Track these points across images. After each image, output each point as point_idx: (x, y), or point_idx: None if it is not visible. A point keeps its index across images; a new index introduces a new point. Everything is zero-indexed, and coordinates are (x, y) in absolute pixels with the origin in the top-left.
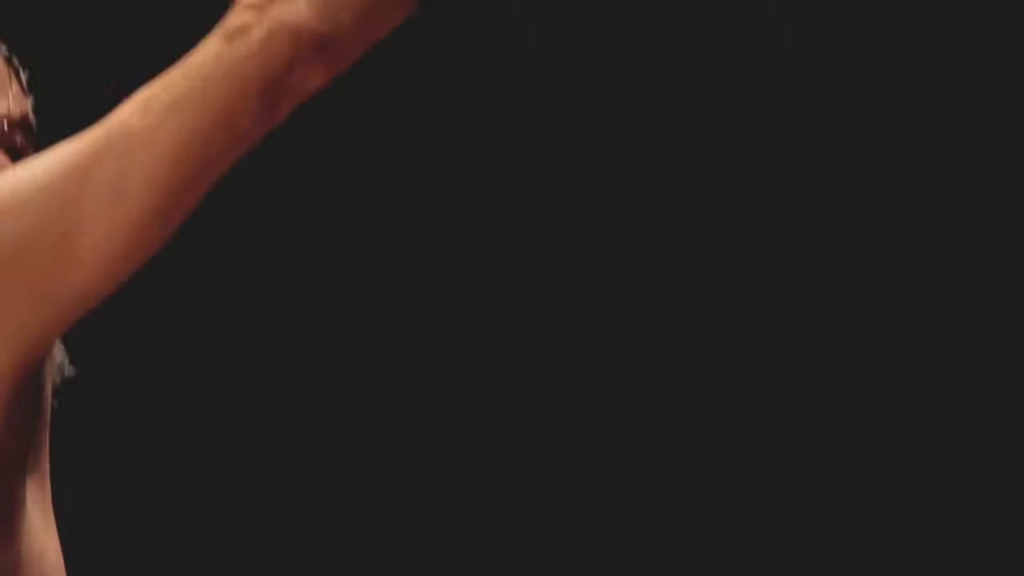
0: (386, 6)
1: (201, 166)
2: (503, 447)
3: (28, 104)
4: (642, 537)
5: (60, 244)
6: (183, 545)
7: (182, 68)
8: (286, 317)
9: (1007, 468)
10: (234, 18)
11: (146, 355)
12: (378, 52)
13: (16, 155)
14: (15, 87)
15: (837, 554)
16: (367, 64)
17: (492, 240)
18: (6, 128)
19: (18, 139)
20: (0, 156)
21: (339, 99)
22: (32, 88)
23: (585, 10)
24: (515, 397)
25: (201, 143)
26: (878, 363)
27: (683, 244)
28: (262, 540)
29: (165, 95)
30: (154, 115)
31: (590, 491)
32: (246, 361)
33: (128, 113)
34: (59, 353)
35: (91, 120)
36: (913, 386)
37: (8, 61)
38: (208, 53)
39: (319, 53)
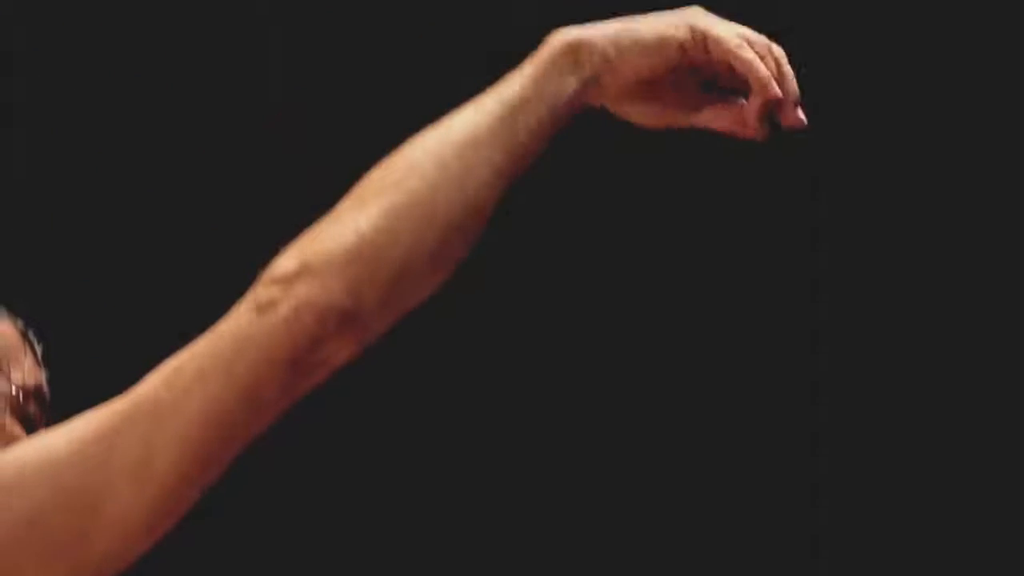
0: (414, 281)
1: (228, 433)
2: (501, 449)
3: (42, 376)
4: (642, 538)
5: (86, 512)
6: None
7: (210, 338)
8: None
9: (1007, 468)
10: (261, 292)
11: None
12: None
13: (30, 426)
14: (29, 359)
15: (836, 554)
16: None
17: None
18: (21, 398)
19: (32, 409)
20: (15, 427)
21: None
22: (47, 362)
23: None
24: (513, 397)
25: (228, 413)
26: (878, 363)
27: (683, 245)
28: (262, 541)
29: (192, 365)
30: (181, 385)
31: (590, 493)
32: None
33: (155, 383)
34: None
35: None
36: (913, 386)
37: (24, 335)
38: (235, 325)
39: (347, 329)
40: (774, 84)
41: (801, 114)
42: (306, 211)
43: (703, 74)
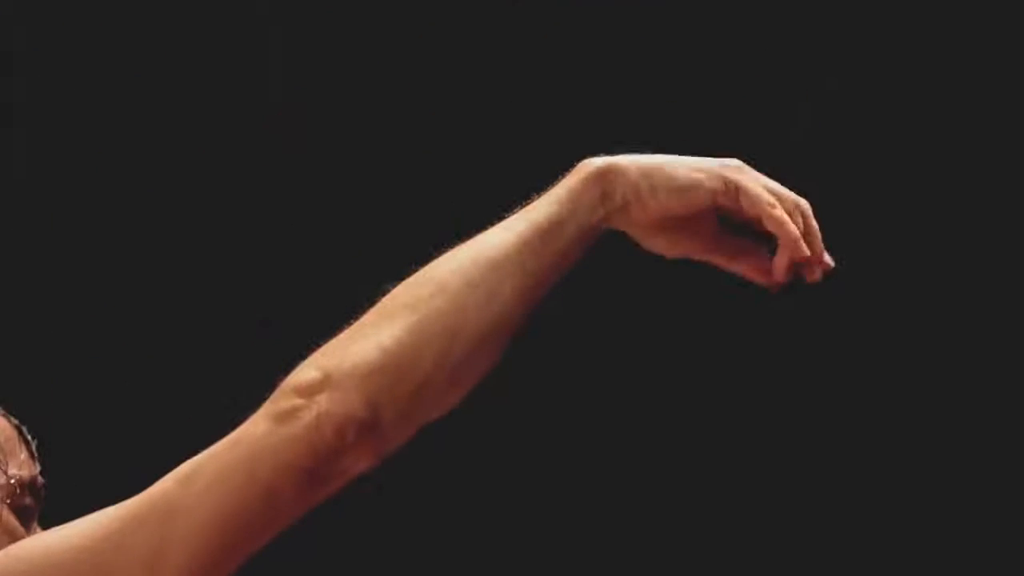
0: (435, 397)
1: (242, 536)
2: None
3: (36, 469)
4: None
5: None
6: None
7: (228, 443)
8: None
9: (1007, 468)
10: (283, 402)
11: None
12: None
13: (26, 518)
14: (24, 453)
15: (837, 554)
16: None
17: None
18: (17, 490)
19: (28, 501)
20: (10, 519)
21: None
22: (41, 456)
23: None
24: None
25: (243, 517)
26: (878, 364)
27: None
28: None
29: (210, 466)
30: (198, 486)
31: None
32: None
33: (171, 483)
34: None
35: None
36: (913, 387)
37: (18, 429)
38: (255, 433)
39: (366, 441)
40: (803, 245)
41: (822, 271)
42: (304, 211)
43: (731, 219)
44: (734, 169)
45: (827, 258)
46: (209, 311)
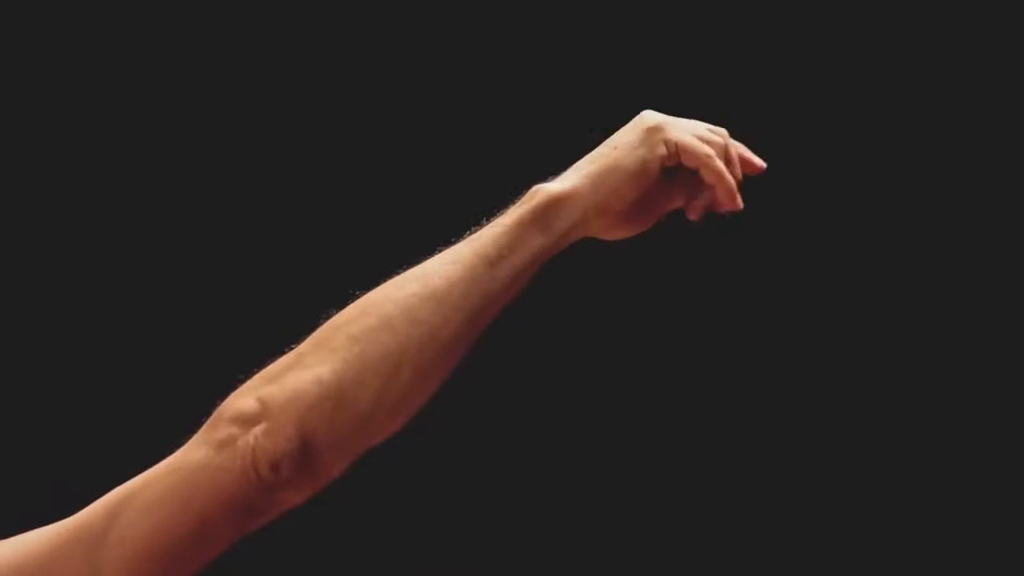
0: (372, 431)
1: (174, 564)
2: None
3: None
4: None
5: None
6: None
7: (163, 470)
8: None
9: (1007, 468)
10: (220, 429)
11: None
12: None
13: None
14: None
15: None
16: None
17: None
18: None
19: None
20: None
21: None
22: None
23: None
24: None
25: (176, 545)
26: (877, 364)
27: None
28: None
29: (145, 493)
30: (131, 512)
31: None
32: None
33: (104, 508)
34: None
35: None
36: (913, 387)
37: None
38: (190, 461)
39: (301, 475)
40: (738, 198)
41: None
42: (301, 210)
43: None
44: (665, 127)
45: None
46: (202, 311)
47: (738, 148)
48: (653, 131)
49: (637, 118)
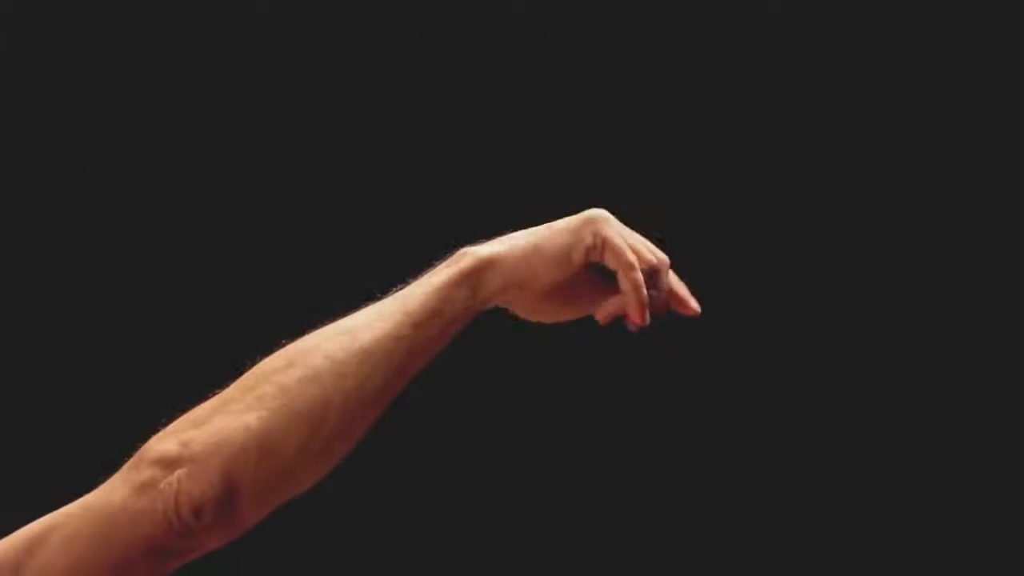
0: (296, 480)
1: None
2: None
3: None
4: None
5: None
6: None
7: (81, 510)
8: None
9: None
10: (143, 471)
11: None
12: None
13: None
14: None
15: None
16: None
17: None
18: None
19: None
20: None
21: None
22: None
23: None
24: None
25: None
26: (877, 364)
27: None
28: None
29: (62, 531)
30: (47, 551)
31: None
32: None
33: (19, 544)
34: None
35: None
36: (913, 386)
37: None
38: (110, 502)
39: (222, 521)
40: (644, 314)
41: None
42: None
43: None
44: (601, 222)
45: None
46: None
47: (674, 284)
48: (589, 223)
49: (587, 211)
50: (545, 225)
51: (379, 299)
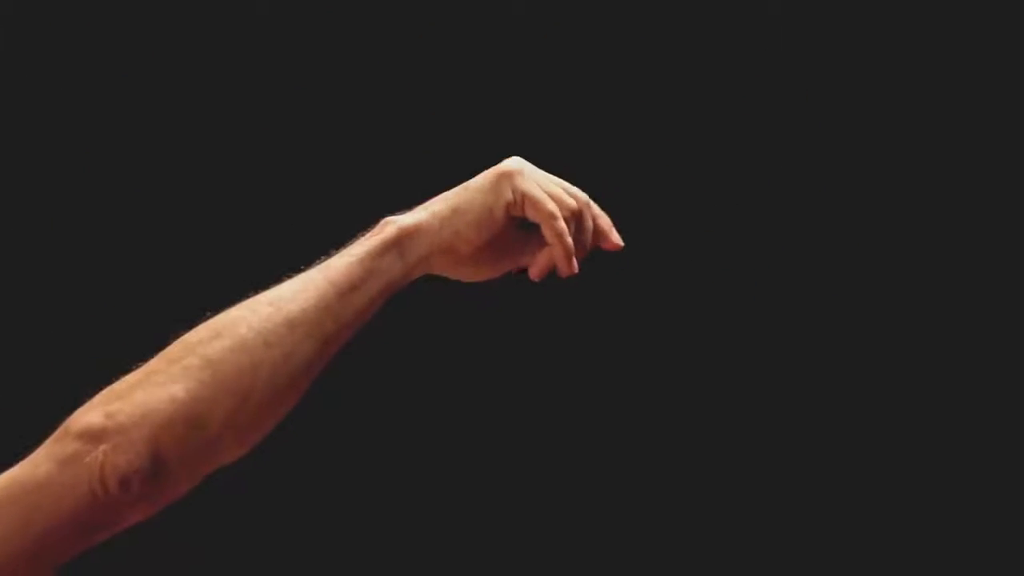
0: (221, 452)
1: (30, 559)
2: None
3: None
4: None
5: None
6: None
7: (5, 481)
8: None
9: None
10: (66, 444)
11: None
12: None
13: None
14: None
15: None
16: None
17: None
18: None
19: None
20: None
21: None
22: None
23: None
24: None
25: (12, 559)
26: (878, 364)
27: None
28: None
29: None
30: None
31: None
32: None
33: None
34: None
35: None
36: (913, 386)
37: None
38: (35, 475)
39: (148, 493)
40: (572, 263)
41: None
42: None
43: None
44: (516, 175)
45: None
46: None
47: (598, 218)
48: (505, 177)
49: (501, 163)
50: (462, 186)
51: (303, 271)
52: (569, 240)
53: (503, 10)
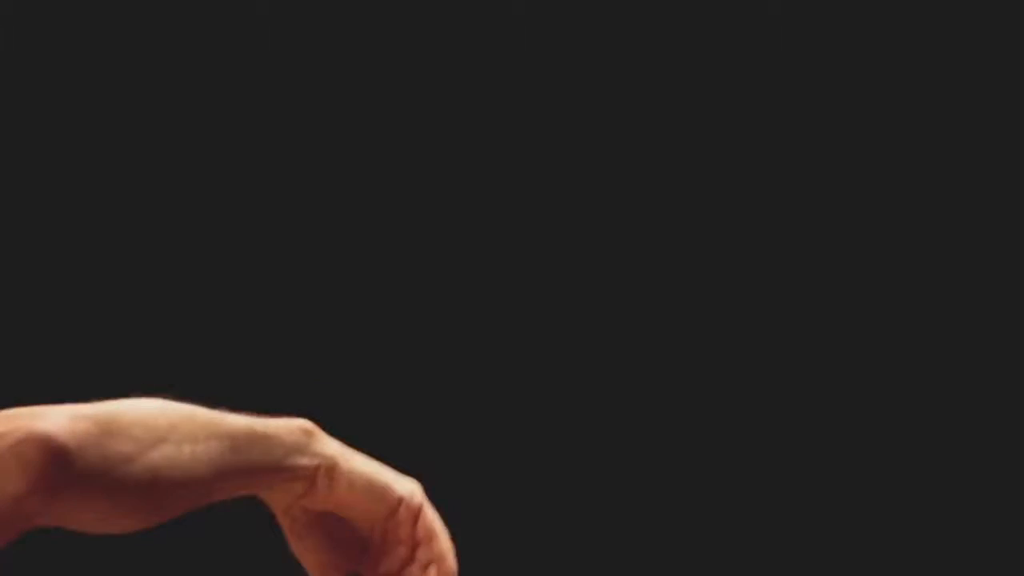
0: (129, 484)
1: None
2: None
3: None
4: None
5: None
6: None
7: None
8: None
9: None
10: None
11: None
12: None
13: None
14: None
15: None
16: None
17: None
18: None
19: None
20: None
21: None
22: None
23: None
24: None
25: None
26: (878, 363)
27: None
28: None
29: None
30: None
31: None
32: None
33: None
34: None
35: None
36: (913, 386)
37: None
38: None
39: (55, 476)
40: None
41: None
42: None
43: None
44: (418, 488)
45: None
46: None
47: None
48: (409, 481)
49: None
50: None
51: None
52: None
53: (503, 10)
